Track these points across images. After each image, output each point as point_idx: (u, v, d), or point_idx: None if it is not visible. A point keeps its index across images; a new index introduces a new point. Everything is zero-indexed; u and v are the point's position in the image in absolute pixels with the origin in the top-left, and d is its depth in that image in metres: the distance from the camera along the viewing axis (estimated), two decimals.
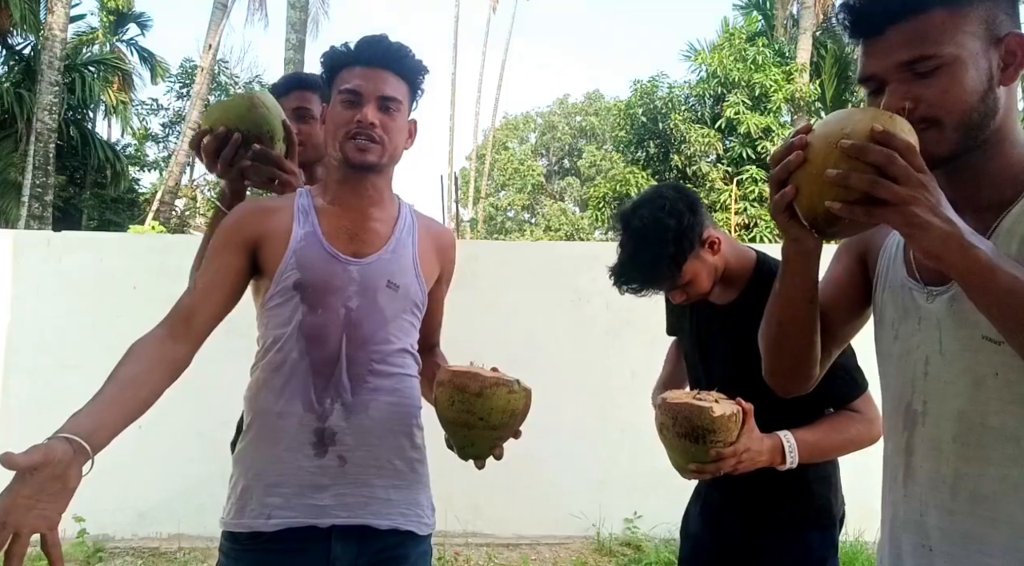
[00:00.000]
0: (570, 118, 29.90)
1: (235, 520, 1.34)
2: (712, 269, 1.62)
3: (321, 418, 1.32)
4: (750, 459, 1.43)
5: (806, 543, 1.65)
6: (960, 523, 0.92)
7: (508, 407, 1.26)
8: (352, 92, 1.36)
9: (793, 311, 1.06)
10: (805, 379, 1.15)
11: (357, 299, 1.36)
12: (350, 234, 1.40)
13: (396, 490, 1.37)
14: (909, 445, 0.99)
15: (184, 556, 3.83)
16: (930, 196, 0.81)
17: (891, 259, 1.06)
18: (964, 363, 0.92)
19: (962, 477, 0.92)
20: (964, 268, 0.81)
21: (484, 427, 1.26)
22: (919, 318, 0.98)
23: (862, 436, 1.57)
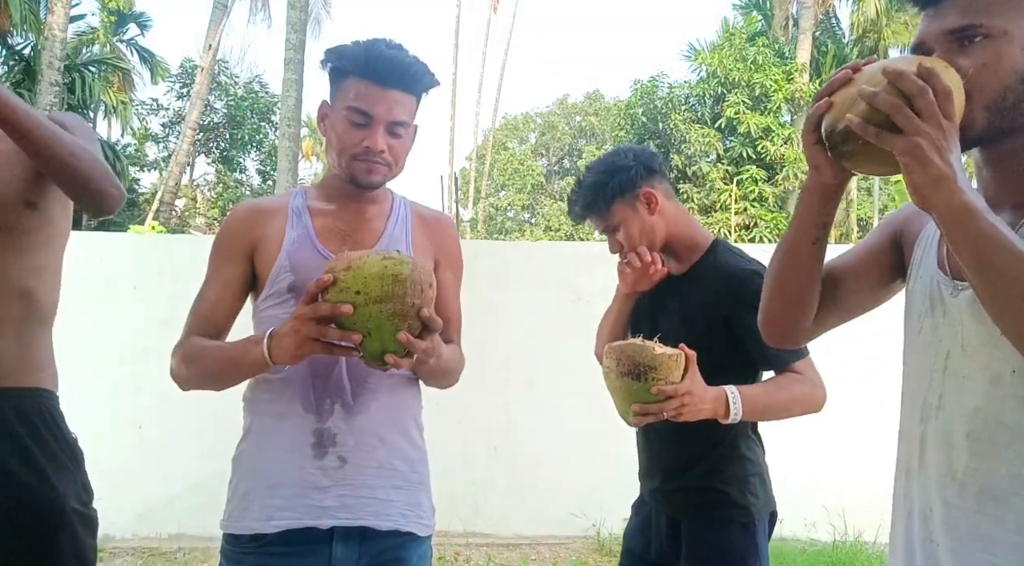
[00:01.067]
0: (570, 118, 29.90)
1: (236, 522, 1.33)
2: (646, 226, 1.69)
3: (321, 419, 1.32)
4: (692, 404, 1.46)
5: (726, 538, 1.65)
6: (966, 520, 0.91)
7: (387, 273, 1.11)
8: (362, 113, 1.33)
9: (795, 251, 1.06)
10: (794, 328, 1.13)
11: None
12: (342, 235, 1.40)
13: (397, 491, 1.36)
14: (923, 438, 0.98)
15: (184, 556, 3.83)
16: (943, 140, 0.81)
17: (925, 250, 1.05)
18: (983, 359, 0.91)
19: (972, 473, 0.91)
20: (946, 208, 0.81)
21: (366, 302, 1.11)
22: (944, 312, 0.97)
23: (806, 398, 1.59)
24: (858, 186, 16.00)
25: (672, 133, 14.31)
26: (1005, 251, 0.78)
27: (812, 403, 1.61)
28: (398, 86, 1.34)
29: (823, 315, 1.12)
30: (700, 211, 14.15)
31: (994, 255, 0.78)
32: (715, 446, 1.66)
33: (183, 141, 15.18)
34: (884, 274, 1.13)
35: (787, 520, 4.07)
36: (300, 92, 10.49)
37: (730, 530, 1.65)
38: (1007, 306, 0.79)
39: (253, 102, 20.21)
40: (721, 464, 1.65)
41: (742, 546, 1.64)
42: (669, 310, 1.73)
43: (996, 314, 0.80)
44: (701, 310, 1.66)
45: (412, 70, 1.35)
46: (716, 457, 1.66)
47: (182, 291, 3.99)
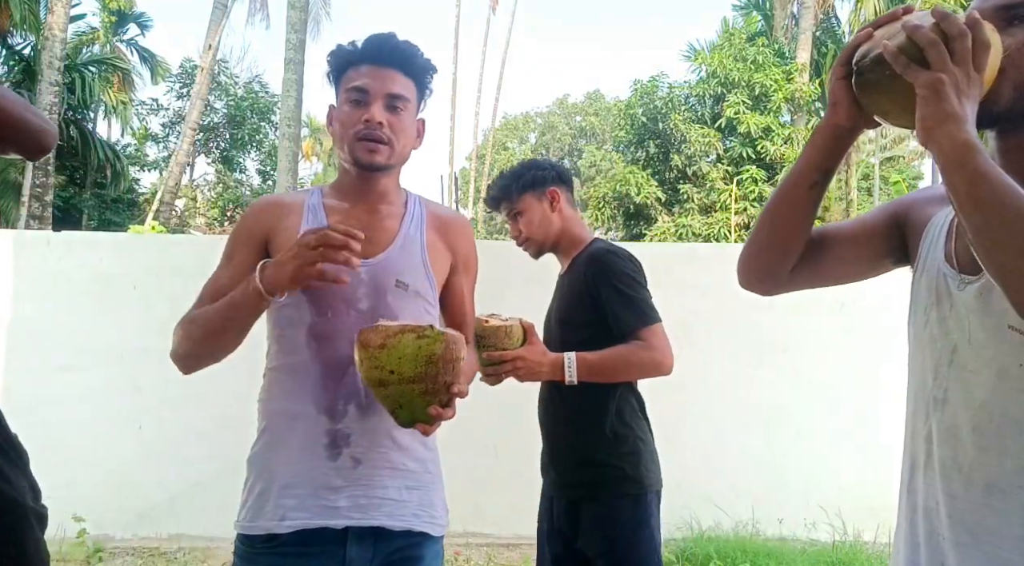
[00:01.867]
0: (570, 118, 29.88)
1: (250, 522, 1.32)
2: (545, 218, 1.99)
3: (334, 420, 1.32)
4: (527, 367, 1.76)
5: (617, 511, 1.81)
6: (972, 513, 0.91)
7: (420, 354, 1.14)
8: (359, 90, 1.36)
9: (791, 190, 1.06)
10: (770, 271, 1.13)
11: (367, 300, 1.35)
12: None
13: (409, 491, 1.36)
14: (929, 432, 0.99)
15: (184, 556, 3.83)
16: (966, 86, 0.82)
17: (932, 243, 1.05)
18: (989, 353, 0.91)
19: (978, 467, 0.91)
20: (949, 143, 0.81)
21: (400, 381, 1.15)
22: (951, 305, 0.98)
23: (645, 362, 1.78)
24: (858, 186, 16.00)
25: (672, 133, 14.30)
26: (1002, 191, 0.78)
27: (651, 368, 1.80)
28: (392, 64, 1.38)
29: (801, 270, 1.12)
30: (700, 211, 14.15)
31: (991, 194, 0.78)
32: (602, 425, 1.83)
33: (183, 141, 15.17)
34: (875, 250, 1.13)
35: (787, 520, 4.09)
36: (300, 92, 10.48)
37: (622, 503, 1.81)
38: (997, 245, 0.78)
39: (253, 102, 20.20)
40: (611, 441, 1.83)
41: (634, 517, 1.81)
42: (559, 300, 2.01)
43: (985, 253, 0.80)
44: (576, 292, 1.91)
45: (403, 48, 1.38)
46: (606, 435, 1.83)
47: (182, 291, 3.99)
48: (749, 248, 1.14)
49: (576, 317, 1.89)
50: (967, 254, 0.96)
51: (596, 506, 1.82)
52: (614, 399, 1.86)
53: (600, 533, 1.81)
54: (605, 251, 1.91)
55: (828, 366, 4.21)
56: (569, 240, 2.01)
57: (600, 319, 1.84)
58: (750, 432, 4.14)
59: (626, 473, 1.82)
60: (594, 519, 1.82)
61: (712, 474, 4.08)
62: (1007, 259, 0.77)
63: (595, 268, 1.87)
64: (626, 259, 1.88)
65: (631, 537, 1.79)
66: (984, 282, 0.93)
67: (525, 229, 2.00)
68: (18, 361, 4.02)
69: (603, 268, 1.86)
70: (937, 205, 1.08)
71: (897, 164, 23.94)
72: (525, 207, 1.99)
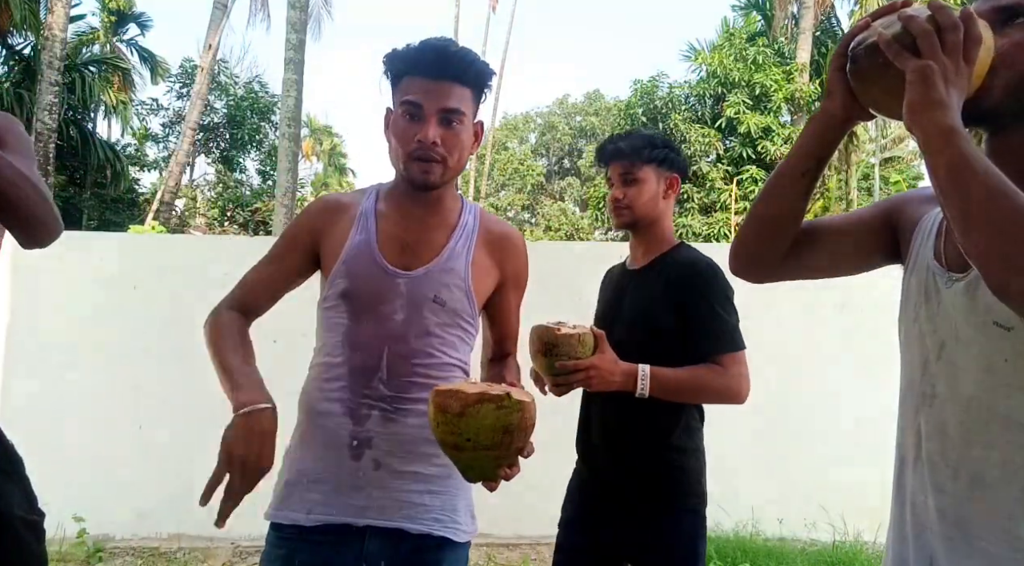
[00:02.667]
0: (570, 118, 29.89)
1: (279, 511, 1.37)
2: (655, 199, 1.87)
3: (358, 423, 1.35)
4: (599, 376, 1.65)
5: (680, 523, 1.79)
6: (959, 507, 0.93)
7: (498, 424, 1.16)
8: (413, 104, 1.33)
9: (783, 177, 1.08)
10: (761, 258, 1.15)
11: (402, 312, 1.37)
12: (403, 244, 1.40)
13: (431, 495, 1.37)
14: (918, 428, 1.00)
15: (184, 556, 3.83)
16: (954, 75, 0.84)
17: (923, 241, 1.06)
18: (975, 349, 0.92)
19: (964, 461, 0.92)
20: (933, 126, 0.82)
21: (475, 448, 1.17)
22: (939, 302, 0.99)
23: (723, 389, 1.73)
24: (858, 186, 15.99)
25: (672, 133, 14.31)
26: (983, 172, 0.79)
27: (729, 395, 1.74)
28: (446, 76, 1.33)
29: (791, 260, 1.14)
30: (700, 211, 14.16)
31: (972, 175, 0.79)
32: (668, 437, 1.79)
33: (183, 141, 15.17)
34: (867, 246, 1.15)
35: (787, 520, 4.08)
36: (300, 92, 10.48)
37: (684, 517, 1.79)
38: (976, 225, 0.79)
39: (253, 102, 20.20)
40: (676, 455, 1.79)
41: (694, 531, 1.79)
42: (628, 299, 1.88)
43: (964, 233, 0.80)
44: (656, 296, 1.80)
45: (459, 58, 1.34)
46: (672, 447, 1.79)
47: (182, 291, 4.02)
48: (741, 235, 1.16)
49: (652, 323, 1.78)
50: (955, 252, 0.98)
51: (660, 514, 1.78)
52: (688, 406, 1.82)
53: (662, 543, 1.76)
54: (707, 263, 1.80)
55: (828, 366, 4.21)
56: (658, 233, 1.90)
57: (679, 331, 1.75)
58: (750, 432, 4.14)
59: (694, 484, 1.82)
60: (657, 528, 1.77)
61: (712, 474, 4.07)
62: (985, 238, 0.78)
63: (691, 278, 1.77)
64: (724, 277, 1.77)
65: (691, 551, 1.78)
66: (970, 279, 0.94)
67: (633, 199, 1.85)
68: (18, 361, 4.02)
69: (702, 282, 1.76)
70: (929, 204, 1.09)
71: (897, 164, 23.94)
72: (644, 177, 1.85)
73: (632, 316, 1.81)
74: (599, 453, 1.87)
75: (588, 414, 1.92)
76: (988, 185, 0.78)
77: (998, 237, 0.76)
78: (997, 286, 0.78)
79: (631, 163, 1.87)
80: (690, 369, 1.72)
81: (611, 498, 1.82)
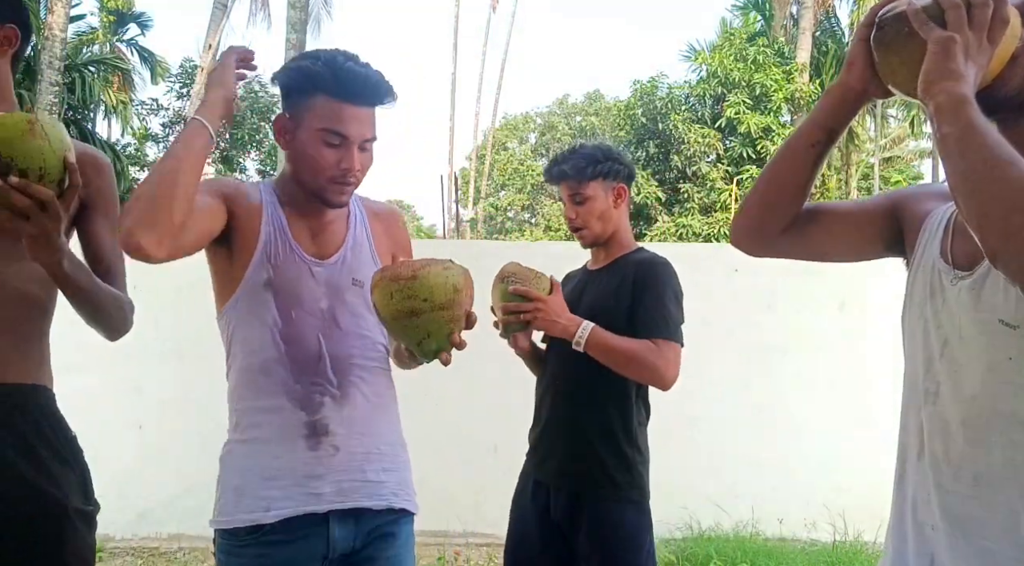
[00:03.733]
0: (570, 118, 29.89)
1: (229, 517, 1.35)
2: (606, 212, 1.95)
3: (311, 412, 1.37)
4: (545, 315, 1.77)
5: (623, 515, 1.84)
6: (960, 505, 0.93)
7: (448, 282, 1.24)
8: (338, 135, 1.35)
9: (792, 146, 1.08)
10: (761, 229, 1.15)
11: (327, 300, 1.41)
12: (312, 233, 1.45)
13: (386, 472, 1.43)
14: (921, 425, 1.00)
15: (184, 556, 3.84)
16: (976, 51, 0.85)
17: (929, 239, 1.06)
18: (979, 347, 0.93)
19: (966, 459, 0.92)
20: (946, 96, 0.83)
21: (431, 308, 1.23)
22: (943, 300, 0.99)
23: (651, 365, 1.78)
24: (858, 186, 16.00)
25: (672, 133, 14.30)
26: (990, 140, 0.80)
27: (656, 375, 1.80)
28: (368, 102, 1.37)
29: (791, 235, 1.14)
30: (700, 211, 14.16)
31: (980, 142, 0.80)
32: (613, 432, 1.86)
33: None
34: (869, 234, 1.15)
35: (787, 520, 4.09)
36: None
37: (627, 508, 1.84)
38: (978, 189, 0.79)
39: (253, 102, 20.20)
40: (620, 448, 1.85)
41: (637, 523, 1.85)
42: (587, 296, 1.97)
43: (965, 197, 0.81)
44: (612, 290, 1.91)
45: (379, 86, 1.38)
46: (616, 441, 1.85)
47: (182, 291, 4.01)
48: (745, 203, 1.17)
49: (608, 317, 1.86)
50: (962, 251, 0.98)
51: (601, 506, 1.84)
52: (634, 402, 1.90)
53: (605, 534, 1.82)
54: (661, 261, 1.91)
55: (828, 366, 4.21)
56: (618, 240, 2.00)
57: (631, 326, 1.84)
58: (750, 432, 4.14)
59: (637, 477, 1.87)
60: (600, 519, 1.84)
61: (712, 474, 4.08)
62: (985, 203, 0.78)
63: (647, 274, 1.87)
64: (676, 277, 1.91)
65: (634, 542, 1.83)
66: (976, 277, 0.94)
67: (584, 218, 1.95)
68: None
69: (654, 275, 1.87)
70: (936, 201, 1.09)
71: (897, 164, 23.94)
72: (591, 194, 1.94)
73: (590, 312, 1.88)
74: (547, 444, 1.96)
75: (540, 409, 2.02)
76: (995, 152, 0.79)
77: (998, 202, 0.76)
78: (992, 251, 0.78)
79: (577, 183, 1.95)
80: (628, 340, 1.80)
81: (560, 487, 1.90)
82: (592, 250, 2.07)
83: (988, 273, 0.93)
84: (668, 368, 1.79)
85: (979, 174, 0.79)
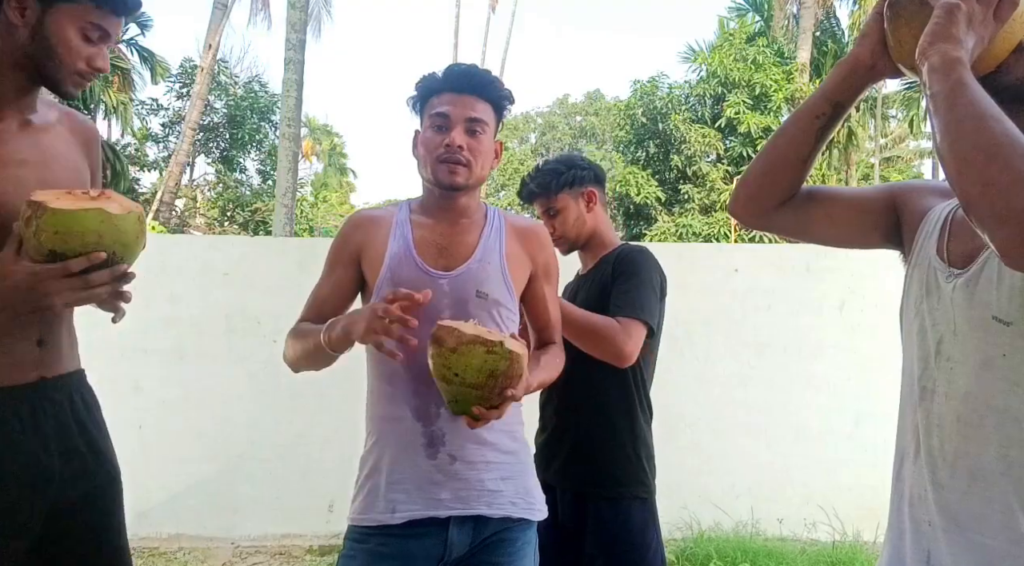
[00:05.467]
0: (570, 118, 29.90)
1: (363, 515, 1.46)
2: (579, 218, 2.01)
3: (428, 423, 1.44)
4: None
5: (628, 513, 1.86)
6: (957, 501, 0.93)
7: (485, 367, 1.24)
8: (441, 115, 1.47)
9: (797, 117, 1.10)
10: (759, 200, 1.16)
11: (449, 311, 1.45)
12: (439, 247, 1.51)
13: (504, 481, 1.48)
14: (917, 423, 1.00)
15: (184, 556, 3.83)
16: (979, 24, 0.87)
17: (927, 236, 1.07)
18: (974, 344, 0.93)
19: (962, 455, 0.93)
20: (940, 57, 0.85)
21: (461, 384, 1.26)
22: (938, 297, 1.00)
23: (609, 338, 1.79)
24: (858, 186, 16.00)
25: (672, 133, 14.31)
26: (978, 97, 0.81)
27: (614, 349, 1.79)
28: (471, 91, 1.48)
29: (787, 212, 1.15)
30: (700, 211, 14.16)
31: (968, 99, 0.81)
32: (618, 433, 1.88)
33: (183, 141, 15.20)
34: (867, 222, 1.16)
35: (787, 520, 4.08)
36: (300, 92, 10.49)
37: (632, 505, 1.86)
38: (961, 139, 0.80)
39: (253, 102, 20.20)
40: (624, 445, 1.88)
41: (643, 519, 1.86)
42: (579, 298, 1.99)
43: (948, 147, 0.81)
44: (599, 289, 1.94)
45: (482, 76, 1.50)
46: (620, 443, 1.88)
47: (182, 291, 4.02)
48: (746, 172, 1.18)
49: (598, 313, 1.88)
50: (958, 250, 0.99)
51: (605, 504, 1.86)
52: (636, 402, 1.92)
53: (609, 533, 1.84)
54: (640, 250, 1.97)
55: (828, 366, 4.21)
56: (599, 241, 2.05)
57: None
58: (750, 432, 4.14)
59: (640, 472, 1.89)
60: (603, 517, 1.85)
61: (712, 474, 4.08)
62: (966, 152, 0.79)
63: (624, 263, 1.92)
64: (652, 261, 1.94)
65: (641, 539, 1.85)
66: (971, 274, 0.94)
67: (560, 228, 2.02)
68: None
69: (631, 263, 1.92)
70: (937, 197, 1.10)
71: (897, 164, 23.96)
72: (562, 205, 2.01)
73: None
74: (552, 448, 1.97)
75: (544, 414, 2.04)
76: (981, 108, 0.80)
77: (979, 152, 0.77)
78: (967, 200, 0.79)
79: (547, 198, 2.02)
80: (591, 314, 1.83)
81: (566, 488, 1.92)
82: (580, 256, 2.12)
83: (982, 271, 0.93)
84: (626, 344, 1.79)
85: (963, 125, 0.80)
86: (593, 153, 24.16)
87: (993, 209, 0.75)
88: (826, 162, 15.10)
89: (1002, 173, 0.74)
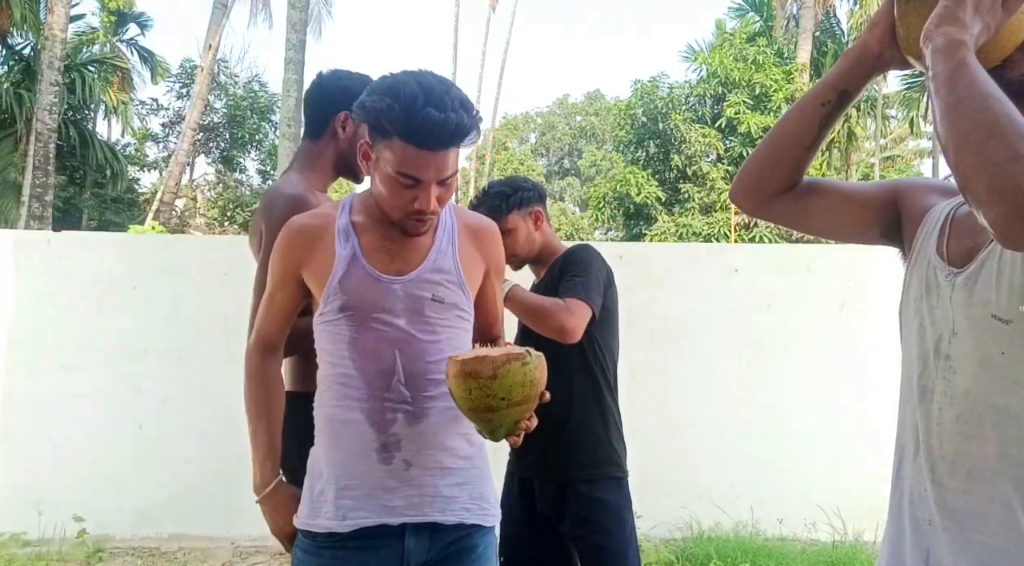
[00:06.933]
0: (570, 118, 29.90)
1: (311, 520, 1.40)
2: (529, 236, 2.16)
3: (383, 428, 1.38)
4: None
5: (604, 493, 1.98)
6: (956, 500, 0.93)
7: (526, 379, 1.25)
8: (413, 179, 1.32)
9: (801, 105, 1.10)
10: (758, 186, 1.16)
11: (405, 316, 1.39)
12: (391, 253, 1.42)
13: (459, 487, 1.43)
14: (917, 421, 1.00)
15: (184, 556, 3.83)
16: (987, 12, 0.87)
17: (927, 235, 1.07)
18: (972, 342, 0.93)
19: (961, 454, 0.93)
20: (944, 39, 0.85)
21: (508, 405, 1.25)
22: (938, 296, 0.99)
23: (556, 316, 1.92)
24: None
25: (672, 133, 14.31)
26: (980, 78, 0.81)
27: (558, 326, 1.92)
28: (445, 147, 1.31)
29: (787, 201, 1.15)
30: (700, 211, 14.16)
31: (970, 80, 0.81)
32: (590, 420, 2.01)
33: (183, 141, 15.19)
34: (867, 217, 1.15)
35: (787, 520, 4.08)
36: (300, 92, 10.47)
37: (608, 485, 1.98)
38: (961, 118, 0.80)
39: (253, 102, 20.20)
40: (596, 434, 2.01)
41: (618, 498, 1.99)
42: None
43: (948, 127, 0.81)
44: (552, 293, 2.03)
45: (458, 130, 1.30)
46: (592, 429, 2.01)
47: (182, 291, 4.02)
48: (749, 159, 1.18)
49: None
50: (958, 249, 0.99)
51: (582, 487, 1.97)
52: (602, 386, 2.04)
53: (587, 513, 1.96)
54: (582, 246, 2.14)
55: (828, 366, 4.21)
56: (548, 253, 2.19)
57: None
58: (750, 432, 4.14)
59: (610, 456, 2.01)
60: (582, 499, 1.97)
61: (712, 474, 4.08)
62: (966, 131, 0.78)
63: (567, 259, 2.08)
64: (594, 254, 2.09)
65: (617, 517, 1.98)
66: (970, 273, 0.94)
67: (512, 246, 2.10)
68: (18, 361, 4.02)
69: (574, 256, 2.08)
70: (938, 196, 1.10)
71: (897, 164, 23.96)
72: (513, 226, 2.13)
73: None
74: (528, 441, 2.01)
75: None
76: (982, 88, 0.80)
77: (977, 131, 0.77)
78: (963, 179, 0.78)
79: (497, 220, 2.02)
80: (541, 297, 1.99)
81: (546, 480, 2.03)
82: (532, 269, 2.25)
83: (981, 269, 0.93)
84: (571, 322, 1.92)
85: (963, 105, 0.80)
86: (593, 153, 24.14)
87: (990, 186, 0.75)
88: (826, 162, 15.09)
89: (999, 150, 0.74)
